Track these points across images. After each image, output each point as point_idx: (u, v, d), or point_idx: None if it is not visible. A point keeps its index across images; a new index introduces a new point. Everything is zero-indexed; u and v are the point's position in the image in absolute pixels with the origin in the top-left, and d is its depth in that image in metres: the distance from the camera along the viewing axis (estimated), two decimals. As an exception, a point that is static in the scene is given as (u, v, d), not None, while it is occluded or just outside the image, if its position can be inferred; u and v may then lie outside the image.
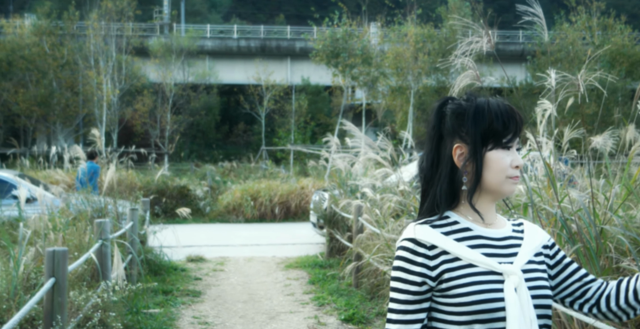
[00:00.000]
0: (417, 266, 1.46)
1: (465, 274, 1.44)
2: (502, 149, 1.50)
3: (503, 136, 1.49)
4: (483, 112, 1.49)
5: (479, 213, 1.53)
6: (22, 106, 26.18)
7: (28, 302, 3.17)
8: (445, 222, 1.52)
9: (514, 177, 1.51)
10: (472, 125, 1.49)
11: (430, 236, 1.48)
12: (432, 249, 1.47)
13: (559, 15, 25.56)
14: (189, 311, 6.06)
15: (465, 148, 1.51)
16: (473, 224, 1.53)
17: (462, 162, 1.51)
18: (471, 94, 1.56)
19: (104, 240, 4.86)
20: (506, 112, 1.50)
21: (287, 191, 14.93)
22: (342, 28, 23.75)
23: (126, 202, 8.50)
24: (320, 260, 8.75)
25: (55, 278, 3.35)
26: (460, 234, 1.50)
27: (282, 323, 5.68)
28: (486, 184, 1.51)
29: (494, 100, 1.53)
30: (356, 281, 6.99)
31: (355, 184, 8.36)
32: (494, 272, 1.45)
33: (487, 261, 1.46)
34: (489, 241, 1.52)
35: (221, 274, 8.05)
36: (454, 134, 1.52)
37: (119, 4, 26.60)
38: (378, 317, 5.72)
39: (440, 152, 1.55)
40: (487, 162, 1.50)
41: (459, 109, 1.52)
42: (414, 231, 1.49)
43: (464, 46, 3.01)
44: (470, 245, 1.49)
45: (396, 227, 5.86)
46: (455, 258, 1.46)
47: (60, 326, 3.32)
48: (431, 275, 1.45)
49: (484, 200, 1.54)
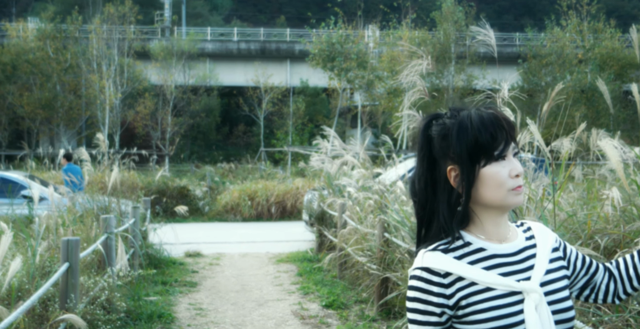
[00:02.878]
0: (434, 296, 1.40)
1: (483, 299, 1.39)
2: (496, 162, 1.43)
3: (493, 149, 1.42)
4: (466, 130, 1.42)
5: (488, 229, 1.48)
6: (26, 109, 26.83)
7: (46, 283, 3.78)
8: (456, 245, 1.45)
9: (516, 187, 1.43)
10: (457, 145, 1.42)
11: (442, 263, 1.41)
12: (447, 276, 1.41)
13: (550, 19, 26.14)
14: (185, 299, 6.69)
15: (458, 169, 1.44)
16: (486, 243, 1.46)
17: (457, 184, 1.45)
18: (454, 109, 1.49)
19: (109, 234, 5.49)
20: (491, 122, 1.42)
21: (283, 191, 15.55)
22: (337, 33, 24.39)
23: (128, 201, 9.13)
24: (309, 255, 9.37)
25: (69, 263, 3.96)
26: (473, 256, 1.44)
27: (269, 308, 6.30)
28: (488, 201, 1.44)
29: (477, 112, 1.45)
30: (340, 273, 7.60)
31: (342, 184, 8.97)
32: (513, 292, 1.40)
33: (505, 281, 1.40)
34: (505, 258, 1.45)
35: (217, 268, 8.67)
36: (445, 156, 1.45)
37: (121, 9, 27.28)
38: (356, 304, 6.34)
39: (435, 175, 1.48)
40: (483, 179, 1.43)
41: (443, 130, 1.46)
42: (424, 260, 1.43)
43: (410, 68, 3.61)
44: (486, 267, 1.42)
45: (373, 223, 6.46)
46: (471, 282, 1.40)
47: (73, 303, 3.93)
48: (449, 304, 1.40)
49: (492, 215, 1.47)
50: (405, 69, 3.47)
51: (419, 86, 3.75)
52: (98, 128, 27.46)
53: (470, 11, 25.80)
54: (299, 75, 35.36)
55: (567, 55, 24.71)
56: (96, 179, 13.15)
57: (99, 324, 4.17)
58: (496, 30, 48.71)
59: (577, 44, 25.64)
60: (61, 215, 6.80)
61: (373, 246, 6.09)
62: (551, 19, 26.17)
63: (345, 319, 5.80)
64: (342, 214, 7.59)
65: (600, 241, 3.75)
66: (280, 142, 31.15)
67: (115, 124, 27.46)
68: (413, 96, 3.87)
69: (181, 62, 30.35)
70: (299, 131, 32.20)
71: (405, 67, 3.46)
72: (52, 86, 27.23)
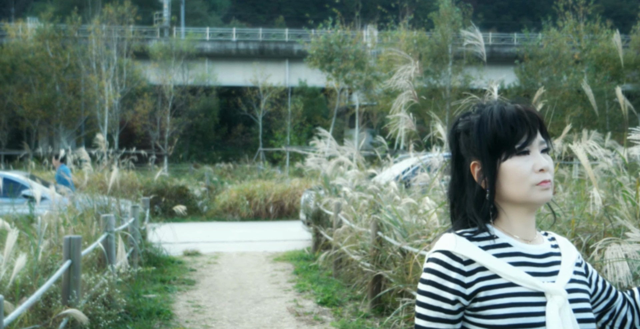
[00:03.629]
0: (451, 282, 1.35)
1: (505, 294, 1.33)
2: (518, 156, 1.39)
3: (514, 142, 1.38)
4: (486, 124, 1.40)
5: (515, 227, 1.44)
6: (26, 109, 26.96)
7: (49, 279, 3.93)
8: (483, 235, 1.41)
9: (542, 182, 1.38)
10: (477, 139, 1.41)
11: (467, 250, 1.36)
12: (469, 264, 1.36)
13: (547, 20, 26.32)
14: (184, 296, 6.83)
15: (480, 164, 1.42)
16: (513, 240, 1.42)
17: (479, 179, 1.43)
18: (480, 105, 1.47)
19: (110, 232, 5.63)
20: (512, 116, 1.39)
21: (281, 191, 15.70)
22: (335, 34, 24.56)
23: (128, 201, 9.28)
24: (306, 254, 9.52)
25: (71, 260, 4.10)
26: (499, 250, 1.39)
27: (265, 306, 6.45)
28: (512, 196, 1.40)
29: (499, 106, 1.43)
30: (336, 272, 7.75)
31: (338, 184, 9.12)
32: (537, 293, 1.35)
33: (531, 280, 1.35)
34: (531, 258, 1.40)
35: (214, 267, 8.82)
36: (469, 152, 1.44)
37: (120, 10, 27.42)
38: (350, 301, 6.49)
39: (462, 172, 1.47)
40: (504, 174, 1.39)
41: (467, 125, 1.45)
42: (450, 243, 1.38)
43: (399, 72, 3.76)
44: (512, 262, 1.38)
45: (367, 222, 6.61)
46: (494, 275, 1.35)
47: (75, 299, 4.07)
48: (465, 293, 1.35)
49: (519, 213, 1.43)
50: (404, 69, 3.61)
51: (408, 89, 3.90)
52: (97, 128, 27.61)
53: (467, 12, 25.96)
54: (297, 76, 35.50)
55: (563, 55, 24.89)
56: (96, 179, 13.28)
57: (100, 319, 4.32)
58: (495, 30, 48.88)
59: (574, 45, 25.81)
60: (62, 214, 6.95)
61: (367, 245, 6.24)
62: (548, 20, 26.36)
63: (340, 316, 5.95)
64: (338, 214, 7.74)
65: (582, 239, 3.90)
66: (278, 142, 31.31)
67: (114, 124, 27.61)
68: (403, 99, 4.02)
69: (180, 62, 30.49)
70: (297, 131, 32.36)
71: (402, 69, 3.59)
72: (51, 86, 27.37)
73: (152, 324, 5.47)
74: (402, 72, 3.78)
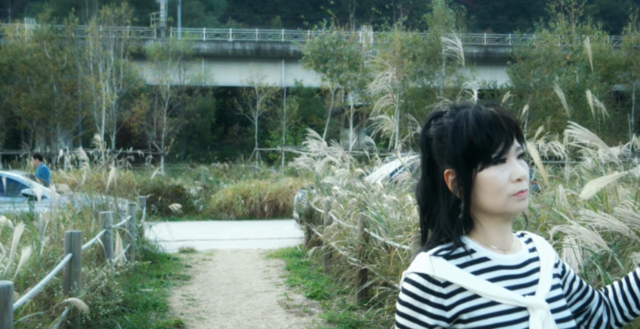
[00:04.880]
0: (429, 306, 1.30)
1: (488, 314, 1.28)
2: (495, 166, 1.32)
3: (490, 151, 1.31)
4: (461, 131, 1.32)
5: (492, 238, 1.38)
6: (23, 109, 27.20)
7: (52, 271, 4.20)
8: (460, 251, 1.34)
9: (518, 192, 1.32)
10: (452, 147, 1.32)
11: (444, 271, 1.30)
12: (447, 286, 1.30)
13: (538, 22, 26.65)
14: (179, 291, 7.12)
15: (455, 173, 1.35)
16: (491, 253, 1.36)
17: (454, 189, 1.35)
18: (454, 107, 1.38)
19: (108, 228, 5.91)
20: (488, 122, 1.31)
21: (276, 190, 15.97)
22: (329, 35, 24.86)
23: (125, 199, 9.56)
24: (298, 251, 9.81)
25: (72, 254, 4.38)
26: (477, 266, 1.33)
27: (257, 299, 6.74)
28: (488, 207, 1.34)
29: (474, 110, 1.34)
30: (326, 267, 8.03)
31: (329, 183, 9.41)
32: (519, 308, 1.30)
33: (511, 296, 1.30)
34: (510, 270, 1.35)
35: (209, 263, 9.09)
36: (442, 159, 1.36)
37: (117, 11, 27.68)
38: (338, 294, 6.78)
39: (435, 179, 1.38)
40: (480, 184, 1.32)
41: (440, 130, 1.36)
42: (427, 265, 1.32)
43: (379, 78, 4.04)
44: (491, 278, 1.32)
45: (354, 219, 6.89)
46: (475, 295, 1.29)
47: (76, 290, 4.35)
48: (446, 316, 1.30)
49: (495, 223, 1.37)
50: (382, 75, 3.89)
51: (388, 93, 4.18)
52: (94, 128, 27.86)
53: (460, 14, 26.28)
54: (293, 76, 35.75)
55: (555, 56, 25.25)
56: (93, 178, 13.55)
57: (99, 309, 4.60)
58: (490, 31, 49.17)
59: (566, 46, 26.16)
60: (62, 212, 7.21)
61: (354, 240, 6.53)
62: (540, 21, 26.70)
63: (327, 308, 6.23)
64: (328, 211, 8.03)
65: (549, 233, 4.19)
66: (274, 142, 31.60)
67: (111, 124, 27.86)
68: (383, 103, 4.30)
69: (176, 62, 30.74)
70: (292, 131, 32.64)
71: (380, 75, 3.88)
72: (49, 87, 27.61)
73: (148, 316, 5.74)
74: (380, 78, 4.06)
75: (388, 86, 4.09)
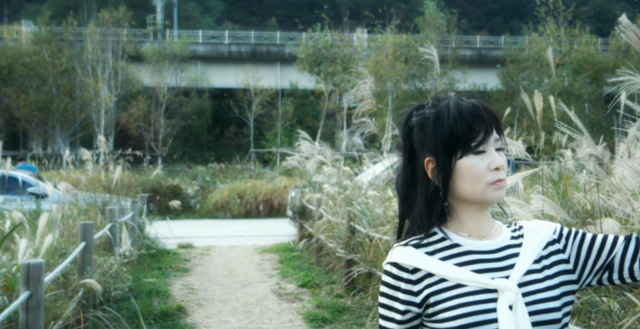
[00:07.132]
0: (400, 293, 1.36)
1: (453, 296, 1.33)
2: (474, 155, 1.36)
3: (470, 140, 1.35)
4: (442, 119, 1.36)
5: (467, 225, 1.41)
6: (23, 111, 27.65)
7: (68, 257, 4.72)
8: (430, 240, 1.39)
9: (496, 181, 1.36)
10: (433, 135, 1.37)
11: (411, 259, 1.36)
12: (415, 272, 1.36)
13: (527, 25, 27.26)
14: (179, 281, 7.64)
15: (435, 161, 1.38)
16: (463, 239, 1.40)
17: (434, 177, 1.39)
18: (436, 99, 1.43)
19: (115, 222, 6.43)
20: (469, 112, 1.36)
21: (271, 190, 16.49)
22: (323, 38, 25.43)
23: (126, 198, 10.08)
24: (291, 246, 10.34)
25: (85, 242, 4.90)
26: (446, 252, 1.38)
27: (252, 288, 7.27)
28: (465, 195, 1.38)
29: (456, 101, 1.39)
30: (317, 260, 8.57)
31: (319, 181, 9.94)
32: (488, 290, 1.33)
33: (477, 278, 1.33)
34: (481, 255, 1.38)
35: (207, 257, 9.62)
36: (423, 148, 1.40)
37: (115, 15, 28.18)
38: (327, 284, 7.31)
39: (415, 168, 1.42)
40: (459, 172, 1.36)
41: (421, 120, 1.40)
42: (394, 255, 1.39)
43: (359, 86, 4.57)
44: (458, 263, 1.36)
45: (342, 214, 7.42)
46: (441, 279, 1.34)
47: (89, 274, 4.87)
48: (416, 301, 1.35)
49: (471, 211, 1.41)
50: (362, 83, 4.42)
51: (367, 99, 4.70)
52: (92, 130, 28.35)
53: (452, 18, 26.87)
54: (288, 78, 36.20)
55: (544, 59, 25.83)
56: (94, 178, 14.04)
57: (111, 290, 5.13)
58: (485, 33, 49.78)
59: (554, 49, 26.76)
60: (70, 208, 7.73)
61: (341, 233, 7.06)
62: (529, 25, 27.31)
63: (317, 296, 6.77)
64: (319, 208, 8.56)
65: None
66: (269, 144, 32.12)
67: (109, 125, 28.35)
68: (364, 107, 4.83)
69: (173, 65, 31.20)
70: (288, 132, 33.16)
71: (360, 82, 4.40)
72: (48, 89, 28.07)
73: (152, 301, 6.27)
74: (360, 86, 4.59)
75: (367, 93, 4.61)
